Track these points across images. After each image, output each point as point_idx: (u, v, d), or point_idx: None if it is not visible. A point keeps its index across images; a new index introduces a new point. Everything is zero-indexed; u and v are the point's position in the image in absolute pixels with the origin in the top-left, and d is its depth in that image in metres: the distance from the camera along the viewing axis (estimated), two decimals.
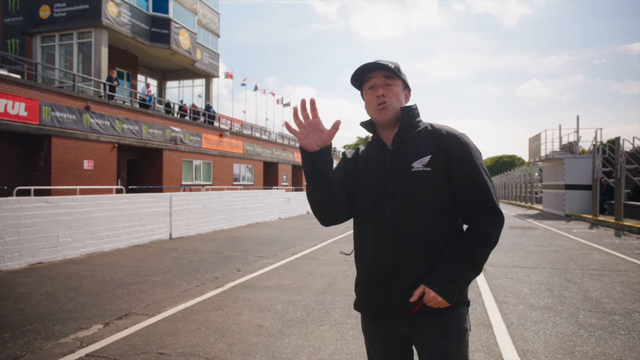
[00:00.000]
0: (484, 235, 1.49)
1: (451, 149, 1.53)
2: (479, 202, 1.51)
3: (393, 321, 1.56)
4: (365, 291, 1.62)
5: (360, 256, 1.63)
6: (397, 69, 1.60)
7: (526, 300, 5.02)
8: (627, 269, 6.87)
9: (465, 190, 1.52)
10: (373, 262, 1.56)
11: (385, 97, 1.58)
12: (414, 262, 1.50)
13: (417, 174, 1.51)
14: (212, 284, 5.83)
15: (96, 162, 16.44)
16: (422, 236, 1.50)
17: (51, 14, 21.18)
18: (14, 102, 13.30)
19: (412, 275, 1.50)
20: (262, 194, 15.48)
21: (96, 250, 8.11)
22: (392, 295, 1.52)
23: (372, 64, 1.59)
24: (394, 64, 1.61)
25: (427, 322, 1.51)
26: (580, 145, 22.13)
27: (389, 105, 1.58)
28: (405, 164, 1.54)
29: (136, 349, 3.53)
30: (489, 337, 3.77)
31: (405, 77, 1.65)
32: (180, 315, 4.46)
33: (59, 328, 4.02)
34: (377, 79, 1.60)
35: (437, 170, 1.51)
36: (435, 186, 1.51)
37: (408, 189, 1.51)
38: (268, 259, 7.72)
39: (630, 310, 4.58)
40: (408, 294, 1.50)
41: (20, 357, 3.35)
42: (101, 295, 5.21)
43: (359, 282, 1.66)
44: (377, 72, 1.60)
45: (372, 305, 1.59)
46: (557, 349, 3.50)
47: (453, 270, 1.47)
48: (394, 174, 1.55)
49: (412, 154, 1.55)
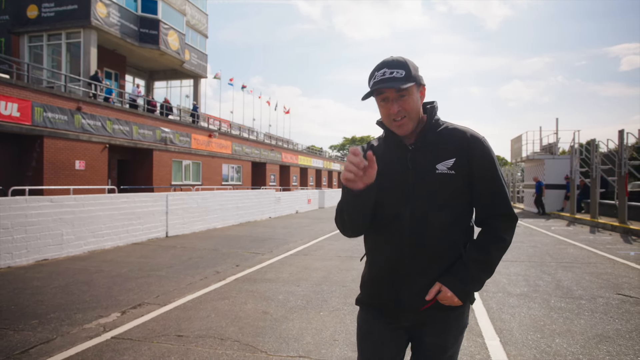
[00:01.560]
0: (501, 239, 1.53)
1: (475, 153, 1.53)
2: (498, 207, 1.54)
3: (401, 317, 1.58)
4: (377, 289, 1.61)
5: (374, 255, 1.63)
6: (407, 76, 1.50)
7: (504, 289, 5.53)
8: (597, 262, 7.46)
9: (485, 195, 1.55)
10: (390, 262, 1.56)
11: (401, 111, 1.52)
12: (431, 263, 1.52)
13: (441, 177, 1.51)
14: (215, 277, 6.22)
15: (87, 162, 16.59)
16: (441, 238, 1.52)
17: (39, 13, 21.16)
18: (6, 102, 13.42)
19: (429, 275, 1.52)
20: (254, 193, 15.85)
21: (97, 247, 8.41)
22: (407, 294, 1.53)
23: (380, 81, 1.50)
24: (403, 67, 1.51)
25: (435, 318, 1.55)
26: (559, 146, 23.03)
27: (406, 119, 1.53)
28: (428, 165, 1.53)
29: (155, 332, 3.91)
30: (471, 319, 4.25)
31: (418, 78, 1.55)
32: (190, 304, 4.84)
33: (81, 316, 4.38)
34: (389, 93, 1.52)
35: (460, 174, 1.51)
36: (458, 189, 1.52)
37: (430, 191, 1.51)
38: (264, 255, 8.12)
39: (595, 296, 5.12)
40: (423, 292, 1.52)
41: (52, 340, 3.70)
42: (112, 288, 5.56)
43: (370, 280, 1.64)
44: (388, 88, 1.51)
45: (383, 302, 1.60)
46: (529, 328, 4.00)
47: (470, 272, 1.50)
48: (416, 175, 1.53)
49: (436, 155, 1.53)
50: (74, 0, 20.49)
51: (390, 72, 1.49)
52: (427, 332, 1.57)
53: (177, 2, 25.54)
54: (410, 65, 1.53)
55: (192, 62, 28.52)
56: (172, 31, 24.93)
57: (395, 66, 1.50)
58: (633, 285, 5.72)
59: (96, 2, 20.53)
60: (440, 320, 1.55)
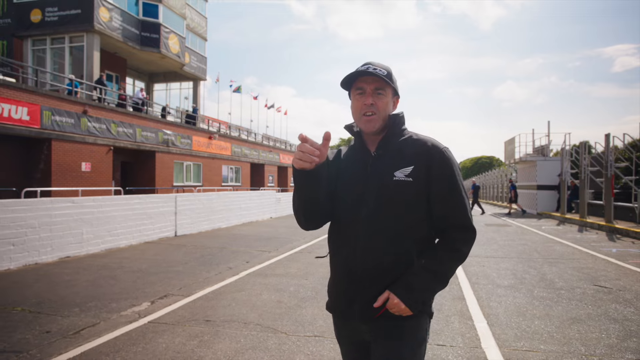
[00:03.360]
0: (456, 250, 1.53)
1: (434, 162, 1.53)
2: (456, 218, 1.54)
3: (358, 327, 1.60)
4: (334, 294, 1.64)
5: (333, 258, 1.65)
6: (389, 77, 1.56)
7: (494, 281, 6.11)
8: (580, 258, 8.06)
9: (444, 205, 1.54)
10: (344, 266, 1.57)
11: (374, 106, 1.55)
12: (383, 269, 1.52)
13: (398, 183, 1.52)
14: (228, 272, 6.75)
15: (93, 164, 17.06)
16: (394, 245, 1.52)
17: (42, 17, 21.57)
18: (17, 106, 13.88)
19: (380, 281, 1.52)
20: (256, 194, 16.38)
21: (113, 246, 8.92)
22: (358, 300, 1.55)
23: (364, 70, 1.55)
24: (386, 69, 1.57)
25: (387, 328, 1.54)
26: (552, 147, 23.75)
27: (376, 117, 1.56)
28: (387, 171, 1.54)
29: (185, 318, 4.45)
30: (463, 306, 4.82)
31: (396, 85, 1.61)
32: (211, 295, 5.38)
33: (115, 305, 4.91)
34: (368, 85, 1.56)
35: (417, 182, 1.52)
36: (414, 197, 1.52)
37: (386, 197, 1.52)
38: (271, 253, 8.66)
39: (574, 287, 5.71)
40: (373, 299, 1.52)
41: (97, 324, 4.23)
42: (136, 281, 6.08)
43: (331, 284, 1.68)
44: (369, 77, 1.56)
45: (340, 307, 1.62)
46: (513, 313, 4.57)
47: (420, 280, 1.49)
48: (374, 180, 1.55)
49: (395, 163, 1.54)
50: (77, 5, 20.92)
51: (373, 68, 1.55)
52: (385, 344, 1.54)
53: (177, 6, 26.02)
54: (392, 73, 1.60)
55: (192, 65, 28.99)
56: (172, 34, 25.40)
57: (379, 66, 1.58)
58: (609, 277, 6.31)
59: (99, 7, 20.98)
60: (395, 332, 1.53)
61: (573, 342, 3.73)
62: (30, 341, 3.74)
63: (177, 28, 25.87)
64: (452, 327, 4.15)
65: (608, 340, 3.76)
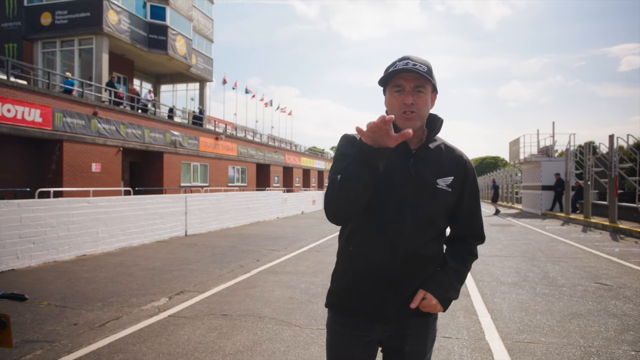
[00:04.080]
0: (474, 254, 1.69)
1: (468, 178, 1.62)
2: (477, 230, 1.69)
3: (376, 326, 1.59)
4: (360, 293, 1.57)
5: (363, 257, 1.56)
6: (429, 73, 1.50)
7: (498, 279, 6.30)
8: (583, 257, 8.23)
9: (469, 219, 1.67)
10: (381, 266, 1.53)
11: (414, 105, 1.50)
12: (418, 272, 1.57)
13: (441, 192, 1.55)
14: (240, 270, 6.98)
15: (103, 165, 17.36)
16: (431, 249, 1.57)
17: (52, 21, 21.92)
18: (30, 109, 14.19)
19: (414, 284, 1.56)
20: (263, 195, 16.63)
21: (127, 245, 9.18)
22: (392, 304, 1.55)
23: (404, 67, 1.48)
24: (426, 65, 1.51)
25: (415, 325, 1.60)
26: (557, 148, 23.85)
27: (415, 115, 1.50)
28: (430, 177, 1.55)
29: (203, 312, 4.67)
30: (467, 302, 5.03)
31: (435, 81, 1.55)
32: (226, 291, 5.61)
33: (135, 300, 5.15)
34: (407, 82, 1.50)
35: (454, 193, 1.58)
36: (449, 206, 1.60)
37: (430, 203, 1.54)
38: (280, 252, 8.88)
39: (575, 284, 5.90)
40: (407, 301, 1.55)
41: (120, 317, 4.47)
42: (153, 278, 6.32)
43: (354, 282, 1.58)
44: (409, 74, 1.49)
45: (366, 308, 1.57)
46: (516, 308, 4.77)
47: (450, 280, 1.58)
48: (418, 184, 1.53)
49: (437, 170, 1.56)
50: (87, 8, 21.26)
51: (413, 64, 1.49)
52: (408, 341, 1.59)
53: (184, 8, 26.31)
54: (432, 68, 1.54)
55: (199, 67, 29.29)
56: (179, 37, 25.69)
57: (419, 62, 1.51)
58: (611, 276, 6.49)
59: (108, 10, 21.30)
60: (420, 327, 1.61)
61: (573, 335, 3.93)
62: (60, 332, 3.99)
63: (184, 30, 26.17)
64: (458, 321, 4.35)
65: (606, 334, 3.95)
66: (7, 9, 25.41)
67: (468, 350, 3.57)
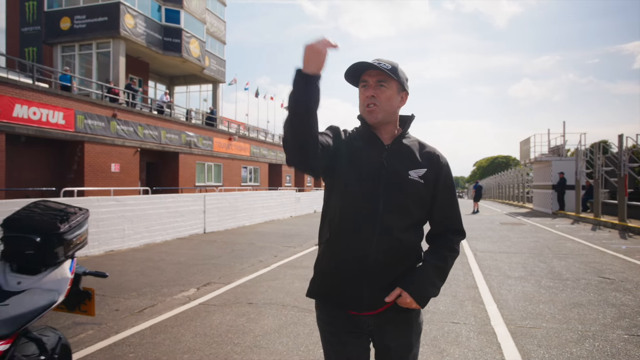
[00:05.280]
0: (455, 250, 1.68)
1: (442, 171, 1.67)
2: (454, 223, 1.70)
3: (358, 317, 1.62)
4: (336, 282, 1.61)
5: (339, 246, 1.61)
6: (392, 71, 1.59)
7: (505, 273, 6.63)
8: (589, 254, 8.51)
9: (445, 212, 1.69)
10: (356, 255, 1.57)
11: (375, 98, 1.60)
12: (395, 262, 1.59)
13: (412, 183, 1.60)
14: (260, 264, 7.39)
15: (122, 165, 17.93)
16: (406, 240, 1.60)
17: (71, 25, 22.59)
18: (53, 111, 14.77)
19: (390, 274, 1.59)
20: (277, 194, 17.06)
21: (150, 241, 9.65)
22: (368, 290, 1.57)
23: (364, 63, 1.59)
24: (390, 64, 1.61)
25: (397, 319, 1.62)
26: (568, 147, 23.96)
27: (377, 108, 1.60)
28: (402, 168, 1.61)
29: (230, 301, 5.08)
30: (475, 293, 5.37)
31: (402, 79, 1.63)
32: (249, 283, 6.01)
33: (167, 290, 5.58)
34: (370, 78, 1.61)
35: (427, 185, 1.63)
36: (423, 198, 1.63)
37: (402, 193, 1.59)
38: (295, 248, 9.28)
39: (579, 278, 6.21)
40: (383, 291, 1.57)
41: (155, 305, 4.90)
42: (180, 272, 6.75)
43: (332, 271, 1.63)
44: (372, 71, 1.60)
45: (340, 295, 1.60)
46: (521, 298, 5.11)
47: (429, 277, 1.59)
48: (390, 175, 1.60)
49: (410, 162, 1.62)
50: (104, 12, 21.89)
51: (378, 62, 1.59)
52: (392, 336, 1.63)
53: (198, 11, 26.84)
54: (399, 69, 1.63)
55: (212, 68, 29.83)
56: (193, 39, 26.23)
57: (385, 61, 1.61)
58: (614, 270, 6.78)
59: (124, 14, 21.89)
60: (403, 321, 1.64)
61: (572, 321, 4.26)
62: (104, 317, 4.42)
63: (197, 32, 26.70)
64: (466, 309, 4.70)
65: (603, 320, 4.28)
66: (27, 14, 26.22)
67: (475, 334, 3.92)
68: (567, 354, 3.44)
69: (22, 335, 1.88)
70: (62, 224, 2.10)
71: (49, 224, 2.05)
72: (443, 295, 5.29)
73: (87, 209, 2.43)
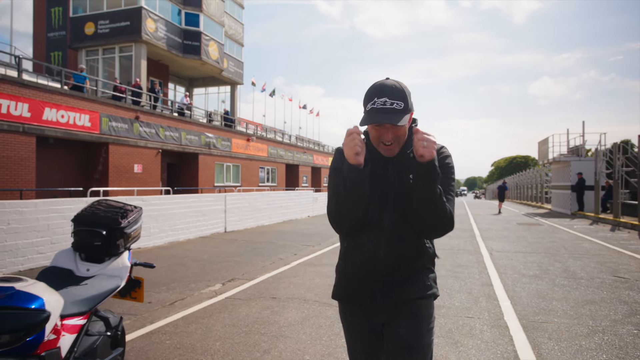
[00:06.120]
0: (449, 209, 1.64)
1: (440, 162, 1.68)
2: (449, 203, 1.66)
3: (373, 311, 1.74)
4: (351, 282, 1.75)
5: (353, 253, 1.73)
6: (405, 109, 1.58)
7: (520, 272, 6.77)
8: (606, 254, 8.56)
9: None
10: (367, 262, 1.68)
11: (393, 138, 1.63)
12: (406, 264, 1.69)
13: None
14: (281, 262, 7.67)
15: (144, 166, 18.45)
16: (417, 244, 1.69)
17: (95, 30, 23.28)
18: (80, 114, 15.33)
19: (402, 274, 1.69)
20: (295, 194, 17.36)
21: (174, 240, 10.02)
22: (380, 292, 1.69)
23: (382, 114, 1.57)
24: (403, 99, 1.58)
25: (405, 308, 1.69)
26: (588, 147, 23.72)
27: (395, 145, 1.65)
28: (405, 176, 1.64)
29: (255, 295, 5.36)
30: (490, 291, 5.55)
31: (411, 106, 1.63)
32: (271, 279, 6.29)
33: (194, 285, 5.89)
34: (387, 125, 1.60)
35: None
36: None
37: (406, 199, 1.64)
38: (314, 247, 9.54)
39: (594, 277, 6.32)
40: (394, 291, 1.68)
41: (184, 299, 5.21)
42: (204, 268, 7.08)
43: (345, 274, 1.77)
44: None
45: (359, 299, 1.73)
46: (534, 296, 5.27)
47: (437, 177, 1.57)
48: (396, 187, 1.66)
49: (410, 166, 1.62)
50: (127, 17, 22.51)
51: (391, 103, 1.57)
52: (401, 324, 1.69)
53: (216, 14, 27.33)
54: (408, 95, 1.61)
55: (230, 70, 30.32)
56: (212, 42, 26.73)
57: (396, 97, 1.57)
58: (630, 270, 6.86)
59: (146, 18, 22.47)
60: (412, 310, 1.69)
61: (583, 317, 4.42)
62: (138, 308, 4.74)
63: (216, 35, 27.19)
64: (480, 305, 4.89)
65: (614, 317, 4.42)
66: (53, 20, 27.07)
67: (488, 327, 4.12)
68: (577, 346, 3.61)
69: (93, 313, 2.18)
70: (123, 219, 2.39)
71: (112, 219, 2.35)
72: (458, 292, 5.49)
73: (141, 207, 2.71)
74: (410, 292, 1.69)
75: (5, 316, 1.07)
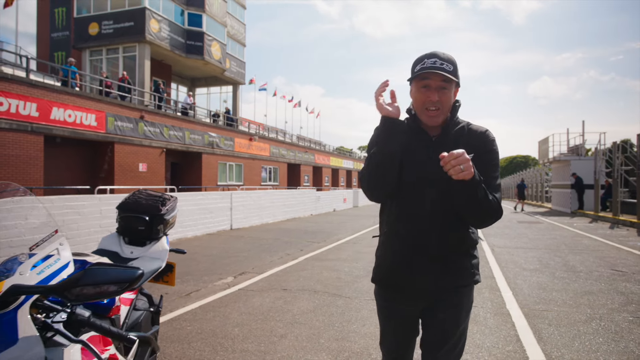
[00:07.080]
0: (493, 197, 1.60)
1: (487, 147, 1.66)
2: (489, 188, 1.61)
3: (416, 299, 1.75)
4: (394, 272, 1.74)
5: (395, 239, 1.73)
6: (454, 72, 1.60)
7: (521, 266, 6.99)
8: (605, 249, 8.79)
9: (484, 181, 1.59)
10: (410, 244, 1.68)
11: (439, 102, 1.61)
12: (448, 248, 1.66)
13: None
14: (288, 257, 7.88)
15: (149, 165, 18.66)
16: (458, 227, 1.67)
17: (99, 30, 23.49)
18: (87, 114, 15.55)
19: (444, 259, 1.67)
20: (298, 193, 17.59)
21: (183, 236, 10.24)
22: (424, 278, 1.68)
23: (433, 66, 1.58)
24: (452, 64, 1.61)
25: (448, 294, 1.70)
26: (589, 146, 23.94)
27: (440, 112, 1.63)
28: None
29: (266, 287, 5.58)
30: (492, 283, 5.77)
31: (459, 77, 1.65)
32: (280, 273, 6.51)
33: (207, 277, 6.11)
34: (434, 81, 1.60)
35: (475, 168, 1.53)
36: None
37: (448, 181, 1.52)
38: (319, 244, 9.76)
39: (592, 270, 6.54)
40: (439, 277, 1.67)
41: (199, 290, 5.43)
42: (215, 263, 7.30)
43: (388, 262, 1.76)
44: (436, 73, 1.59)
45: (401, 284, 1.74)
46: (535, 287, 5.49)
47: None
48: (438, 174, 1.55)
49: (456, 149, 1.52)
50: (130, 18, 22.72)
51: (441, 63, 1.59)
52: (441, 308, 1.70)
53: (219, 14, 27.53)
54: (456, 64, 1.65)
55: (232, 70, 30.53)
56: (214, 42, 26.93)
57: (446, 60, 1.61)
58: (627, 264, 7.08)
59: (150, 19, 22.67)
60: (453, 295, 1.70)
61: (582, 306, 4.64)
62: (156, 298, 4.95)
63: (218, 36, 27.39)
64: (483, 295, 5.11)
65: (611, 305, 4.65)
66: (57, 20, 27.26)
67: (491, 315, 4.34)
68: (575, 331, 3.83)
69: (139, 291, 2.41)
70: (163, 207, 2.61)
71: (153, 207, 2.57)
72: None
73: (176, 197, 2.92)
74: (452, 280, 1.69)
75: (111, 270, 1.29)
